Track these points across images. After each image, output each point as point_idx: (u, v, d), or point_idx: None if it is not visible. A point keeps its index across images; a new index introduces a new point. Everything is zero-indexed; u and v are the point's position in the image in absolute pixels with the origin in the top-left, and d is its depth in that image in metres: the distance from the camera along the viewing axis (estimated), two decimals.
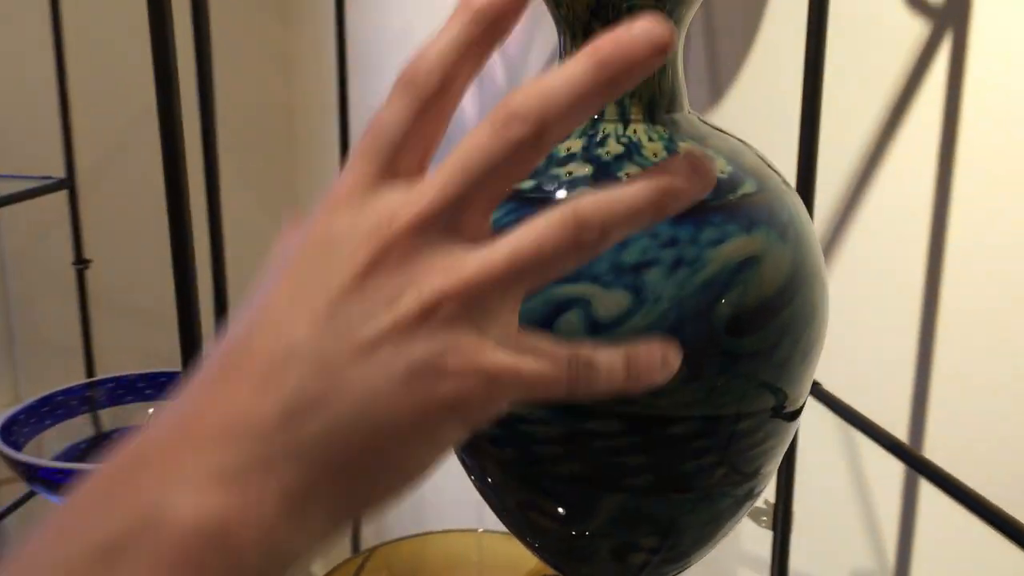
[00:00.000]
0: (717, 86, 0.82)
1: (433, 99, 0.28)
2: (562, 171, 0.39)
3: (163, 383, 1.23)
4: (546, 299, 0.37)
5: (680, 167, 0.27)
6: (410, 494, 0.28)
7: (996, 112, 0.57)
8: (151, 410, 1.19)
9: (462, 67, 0.28)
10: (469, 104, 1.38)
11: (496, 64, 1.29)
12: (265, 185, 2.00)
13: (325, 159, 2.09)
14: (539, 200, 0.38)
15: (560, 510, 0.41)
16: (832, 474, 0.73)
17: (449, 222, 0.27)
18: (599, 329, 0.36)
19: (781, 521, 0.67)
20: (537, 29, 1.17)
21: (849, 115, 0.69)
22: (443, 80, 0.28)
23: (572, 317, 0.36)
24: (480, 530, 0.86)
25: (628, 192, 0.27)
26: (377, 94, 1.73)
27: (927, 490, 0.65)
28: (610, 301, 0.36)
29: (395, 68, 0.29)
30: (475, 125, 0.28)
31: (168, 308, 0.61)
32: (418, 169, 0.29)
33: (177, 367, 1.22)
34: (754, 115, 0.78)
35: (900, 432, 0.66)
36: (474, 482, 0.44)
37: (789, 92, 0.73)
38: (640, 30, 0.26)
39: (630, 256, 0.36)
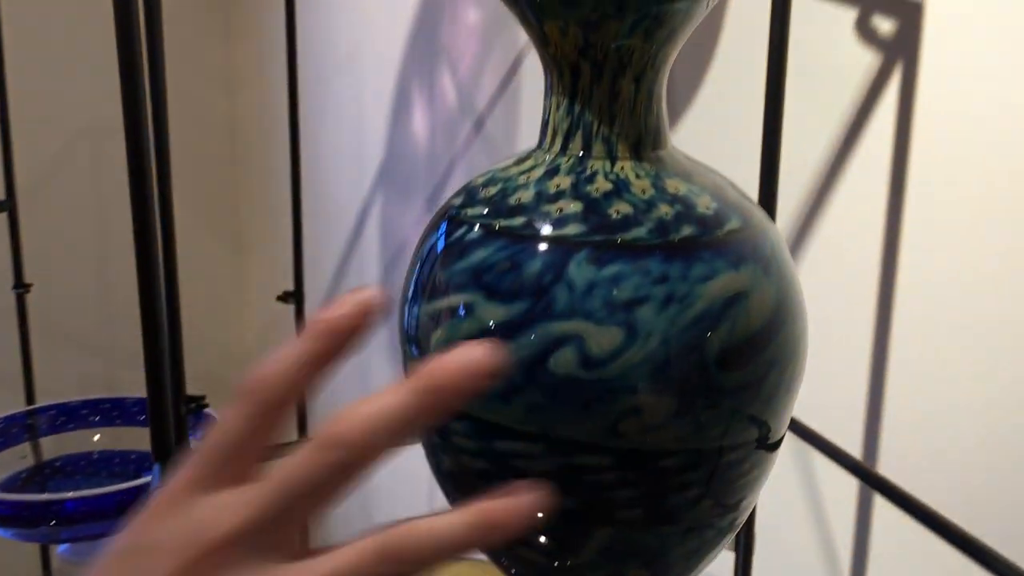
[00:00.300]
0: (673, 111, 0.83)
1: (271, 410, 0.29)
2: (552, 208, 0.39)
3: (105, 409, 1.20)
4: (540, 336, 0.37)
5: (501, 501, 0.28)
6: None
7: (945, 140, 0.59)
8: (96, 436, 1.16)
9: (303, 380, 0.29)
10: (420, 126, 1.38)
11: (448, 86, 1.29)
12: (207, 203, 1.96)
13: (269, 177, 2.06)
14: (530, 237, 0.39)
15: (549, 544, 0.41)
16: (789, 493, 0.75)
17: (263, 539, 0.28)
18: (593, 365, 0.37)
19: (743, 544, 0.68)
20: (491, 50, 1.18)
21: (803, 143, 0.70)
22: (283, 393, 0.29)
23: (565, 354, 0.37)
24: None
25: (445, 526, 0.27)
26: (324, 114, 1.69)
27: (881, 507, 0.67)
28: (603, 338, 0.36)
29: (343, 88, 0.29)
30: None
31: (108, 333, 0.60)
32: (246, 477, 0.29)
33: (117, 393, 1.19)
34: (708, 141, 0.80)
35: (854, 450, 0.68)
36: None
37: (743, 118, 0.75)
38: (462, 358, 0.27)
39: (623, 293, 0.37)
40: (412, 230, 1.36)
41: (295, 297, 1.34)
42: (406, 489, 1.44)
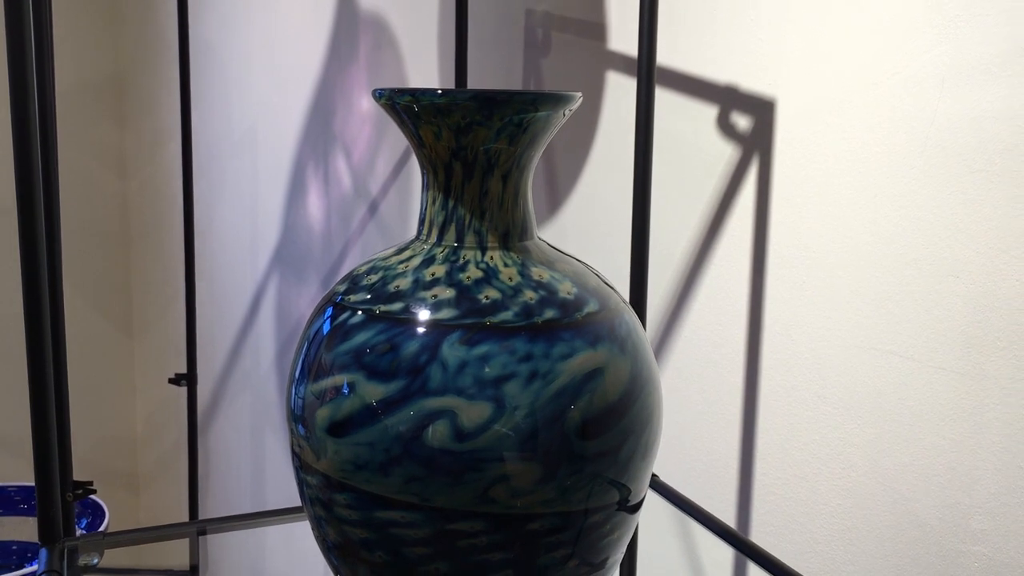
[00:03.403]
0: (555, 199, 0.89)
1: None
2: (428, 294, 0.43)
3: None
4: (416, 412, 0.40)
5: None
6: None
7: (799, 221, 0.65)
8: None
9: None
10: (315, 208, 1.41)
11: (342, 170, 1.33)
12: (98, 284, 1.93)
13: (161, 258, 2.05)
14: (407, 320, 0.42)
15: None
16: (669, 560, 0.78)
17: None
18: (465, 437, 0.40)
19: None
20: (384, 136, 1.22)
21: (673, 228, 0.76)
22: None
23: (440, 427, 0.40)
24: None
25: None
26: (219, 195, 1.70)
27: (754, 572, 0.71)
28: (473, 412, 0.40)
29: (238, 170, 0.32)
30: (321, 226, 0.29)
31: None
32: None
33: None
34: (588, 227, 0.85)
35: (728, 518, 0.73)
36: None
37: (619, 205, 0.81)
38: None
39: (491, 370, 0.40)
40: (307, 311, 1.38)
41: (187, 379, 1.33)
42: (301, 570, 1.42)
